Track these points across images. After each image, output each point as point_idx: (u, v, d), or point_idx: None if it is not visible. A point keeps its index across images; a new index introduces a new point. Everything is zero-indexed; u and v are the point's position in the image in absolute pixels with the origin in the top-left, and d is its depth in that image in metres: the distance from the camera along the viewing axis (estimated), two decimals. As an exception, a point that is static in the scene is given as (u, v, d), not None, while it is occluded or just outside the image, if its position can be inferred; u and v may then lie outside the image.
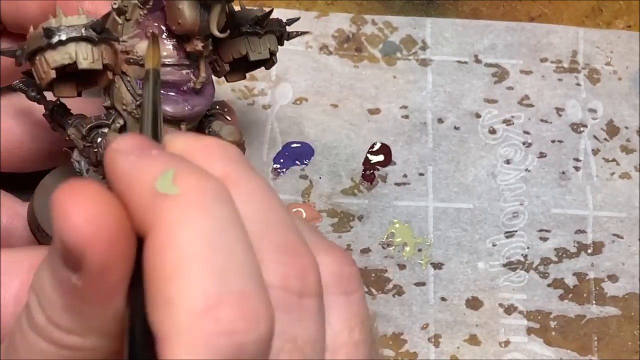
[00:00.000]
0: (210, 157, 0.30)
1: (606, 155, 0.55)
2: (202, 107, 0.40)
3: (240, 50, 0.42)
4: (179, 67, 0.39)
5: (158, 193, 0.28)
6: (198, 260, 0.27)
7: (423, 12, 0.57)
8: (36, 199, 0.43)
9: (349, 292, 0.32)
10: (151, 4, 0.39)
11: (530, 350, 0.51)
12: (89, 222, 0.27)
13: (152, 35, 0.37)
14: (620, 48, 0.57)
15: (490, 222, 0.53)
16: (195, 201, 0.28)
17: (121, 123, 0.40)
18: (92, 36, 0.37)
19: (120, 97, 0.39)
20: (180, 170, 0.28)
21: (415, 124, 0.55)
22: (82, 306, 0.29)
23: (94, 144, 0.40)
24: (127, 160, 0.29)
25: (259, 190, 0.31)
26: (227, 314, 0.27)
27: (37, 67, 0.38)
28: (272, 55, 0.43)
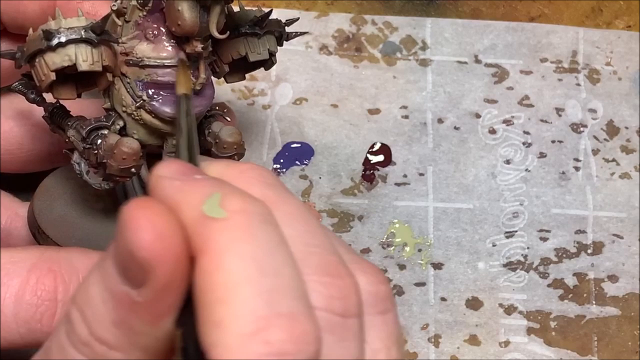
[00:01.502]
0: (248, 182, 0.31)
1: (606, 156, 0.55)
2: (201, 108, 0.40)
3: (240, 51, 0.42)
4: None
5: (206, 217, 0.28)
6: (247, 283, 0.28)
7: (423, 12, 0.57)
8: (37, 201, 0.43)
9: (384, 311, 0.32)
10: (150, 5, 0.39)
11: (530, 351, 0.51)
12: (160, 239, 0.28)
13: (181, 62, 0.37)
14: (620, 48, 0.57)
15: (490, 222, 0.53)
16: (242, 224, 0.28)
17: (121, 125, 0.40)
18: (91, 38, 0.37)
19: (120, 99, 0.39)
20: (226, 194, 0.29)
21: (415, 124, 0.55)
22: (134, 322, 0.29)
23: (94, 146, 0.40)
24: (173, 185, 0.30)
25: (297, 212, 0.31)
26: (277, 335, 0.27)
27: (37, 70, 0.38)
28: (271, 55, 0.43)
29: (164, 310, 0.29)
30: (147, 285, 0.28)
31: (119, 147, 0.38)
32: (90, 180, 0.41)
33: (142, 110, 0.39)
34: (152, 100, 0.39)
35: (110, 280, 0.29)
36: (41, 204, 0.43)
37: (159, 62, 0.39)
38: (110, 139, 0.39)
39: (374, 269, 0.33)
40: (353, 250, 0.34)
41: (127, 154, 0.39)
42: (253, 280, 0.28)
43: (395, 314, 0.33)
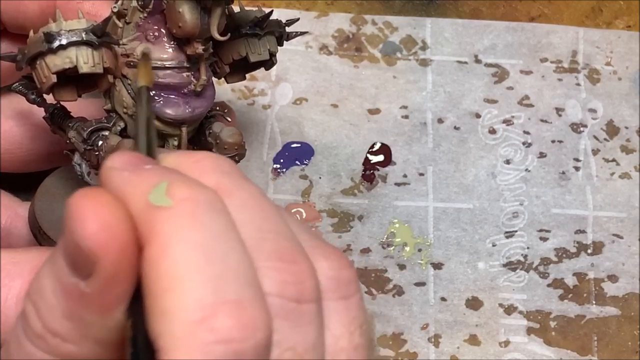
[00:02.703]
0: (202, 170, 0.31)
1: (606, 155, 0.55)
2: (203, 110, 0.40)
3: (240, 51, 0.42)
4: (179, 69, 0.39)
5: (152, 205, 0.28)
6: (192, 271, 0.28)
7: (423, 12, 0.57)
8: (37, 202, 0.43)
9: (347, 296, 0.32)
10: (151, 7, 0.39)
11: (530, 351, 0.51)
12: (105, 228, 0.28)
13: (143, 55, 0.37)
14: (620, 48, 0.57)
15: (490, 222, 0.53)
16: (188, 212, 0.28)
17: (122, 126, 0.40)
18: (92, 40, 0.37)
19: (121, 100, 0.39)
20: (173, 182, 0.29)
21: (415, 124, 0.55)
22: (85, 314, 0.29)
23: (95, 147, 0.40)
24: (121, 176, 0.29)
25: (252, 199, 0.31)
26: (223, 322, 0.27)
27: (38, 72, 0.38)
28: (272, 56, 0.43)
29: (112, 301, 0.29)
30: (94, 276, 0.28)
31: (121, 149, 0.38)
32: (91, 182, 0.41)
33: None
34: (152, 102, 0.39)
35: (60, 272, 0.29)
36: (42, 204, 0.43)
37: (160, 64, 0.39)
38: (112, 141, 0.39)
39: (337, 254, 0.32)
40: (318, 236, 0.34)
41: None
42: (199, 268, 0.28)
43: (359, 299, 0.32)
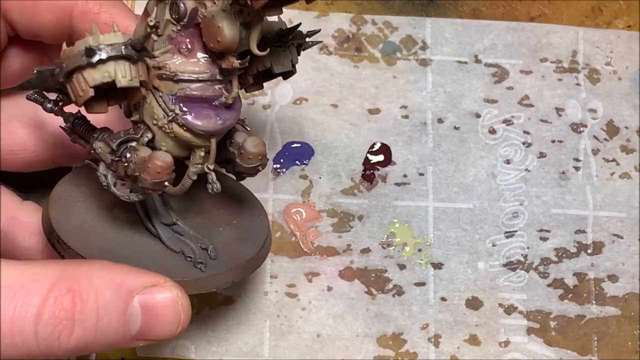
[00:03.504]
0: None
1: (606, 155, 0.55)
2: (232, 121, 0.40)
3: (265, 62, 0.42)
4: (211, 82, 0.39)
5: None
6: None
7: (423, 12, 0.57)
8: (52, 210, 0.43)
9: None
10: (186, 20, 0.38)
11: (530, 350, 0.51)
12: None
13: None
14: (620, 48, 0.57)
15: (490, 222, 0.53)
16: None
17: (149, 137, 0.40)
18: (131, 55, 0.37)
19: (151, 112, 0.39)
20: None
21: (415, 124, 0.55)
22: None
23: (123, 158, 0.39)
24: None
25: None
26: None
27: (74, 85, 0.37)
28: (293, 66, 0.43)
29: None
30: None
31: (153, 161, 0.38)
32: (117, 193, 0.41)
33: (174, 123, 0.39)
34: (184, 114, 0.39)
35: None
36: (57, 212, 0.43)
37: (193, 77, 0.39)
38: (142, 152, 0.39)
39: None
40: None
41: (161, 168, 0.38)
42: None
43: None
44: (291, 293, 0.51)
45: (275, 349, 0.50)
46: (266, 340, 0.50)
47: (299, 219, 0.52)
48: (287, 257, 0.52)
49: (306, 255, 0.52)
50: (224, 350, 0.50)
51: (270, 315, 0.50)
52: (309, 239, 0.52)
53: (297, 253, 0.52)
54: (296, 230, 0.52)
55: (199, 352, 0.49)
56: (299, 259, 0.52)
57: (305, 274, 0.51)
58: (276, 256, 0.51)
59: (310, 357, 0.50)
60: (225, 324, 0.50)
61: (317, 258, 0.52)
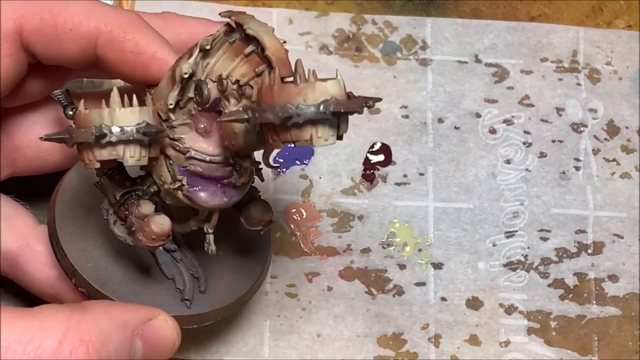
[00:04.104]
0: None
1: (606, 155, 0.55)
2: (237, 198, 0.40)
3: None
4: (223, 164, 0.39)
5: None
6: None
7: (423, 12, 0.57)
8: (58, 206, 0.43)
9: None
10: (208, 105, 0.38)
11: (530, 351, 0.51)
12: None
13: None
14: (620, 48, 0.57)
15: (491, 222, 0.53)
16: None
17: (155, 189, 0.40)
18: (142, 140, 0.37)
19: (160, 174, 0.39)
20: None
21: (415, 123, 0.55)
22: None
23: (125, 205, 0.40)
24: None
25: None
26: None
27: (83, 154, 0.37)
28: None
29: None
30: None
31: (150, 227, 0.39)
32: (116, 231, 0.41)
33: (179, 192, 0.39)
34: (190, 187, 0.39)
35: None
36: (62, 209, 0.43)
37: (205, 157, 0.39)
38: (143, 209, 0.39)
39: None
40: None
41: (157, 235, 0.39)
42: None
43: None
44: (291, 293, 0.51)
45: (275, 349, 0.50)
46: (266, 340, 0.50)
47: (299, 219, 0.52)
48: (287, 257, 0.52)
49: (306, 255, 0.52)
50: (224, 350, 0.50)
51: (271, 315, 0.50)
52: (309, 239, 0.52)
53: (297, 253, 0.52)
54: (296, 230, 0.52)
55: (199, 352, 0.49)
56: (299, 259, 0.52)
57: (306, 274, 0.51)
58: (276, 256, 0.51)
59: (310, 357, 0.50)
60: (226, 324, 0.50)
61: (317, 258, 0.52)
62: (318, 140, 0.34)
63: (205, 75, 0.38)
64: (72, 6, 0.41)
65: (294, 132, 0.34)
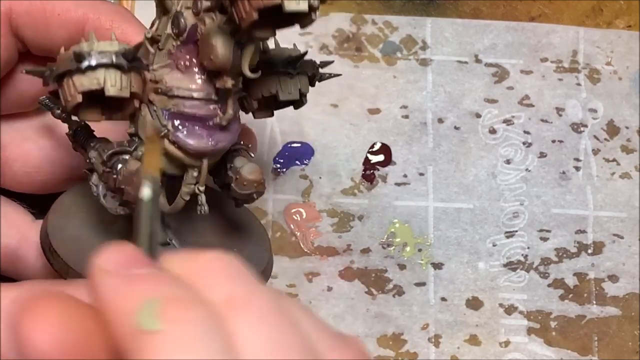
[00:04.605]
0: (211, 277, 0.29)
1: (606, 155, 0.55)
2: (226, 144, 0.39)
3: (271, 89, 0.41)
4: (206, 101, 0.38)
5: (141, 330, 0.27)
6: None
7: (423, 12, 0.57)
8: (51, 217, 0.42)
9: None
10: (185, 36, 0.38)
11: (530, 351, 0.51)
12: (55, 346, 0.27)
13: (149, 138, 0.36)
14: (620, 48, 0.57)
15: (491, 222, 0.53)
16: (180, 337, 0.26)
17: (143, 151, 0.40)
18: (122, 64, 0.37)
19: (145, 126, 0.39)
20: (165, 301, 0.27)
21: (415, 123, 0.55)
22: None
23: (114, 170, 0.39)
24: (111, 284, 0.28)
25: (268, 312, 0.29)
26: None
27: (64, 90, 0.37)
28: (302, 96, 0.42)
29: None
30: None
31: (138, 176, 0.38)
32: (106, 204, 0.40)
33: (166, 139, 0.39)
34: (176, 131, 0.38)
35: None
36: (55, 221, 0.42)
37: (188, 94, 0.38)
38: (131, 165, 0.39)
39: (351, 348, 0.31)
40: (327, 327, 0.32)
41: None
42: None
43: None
44: (291, 293, 0.51)
45: (275, 349, 0.50)
46: (266, 341, 0.50)
47: (299, 219, 0.52)
48: (287, 257, 0.52)
49: (306, 255, 0.52)
50: (224, 350, 0.50)
51: (270, 315, 0.50)
52: (309, 239, 0.52)
53: (297, 253, 0.52)
54: (296, 230, 0.52)
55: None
56: (299, 259, 0.52)
57: (306, 274, 0.51)
58: (276, 256, 0.51)
59: (310, 357, 0.50)
60: (225, 324, 0.50)
61: (317, 258, 0.52)
62: (289, 4, 0.34)
63: (180, 6, 0.38)
64: None
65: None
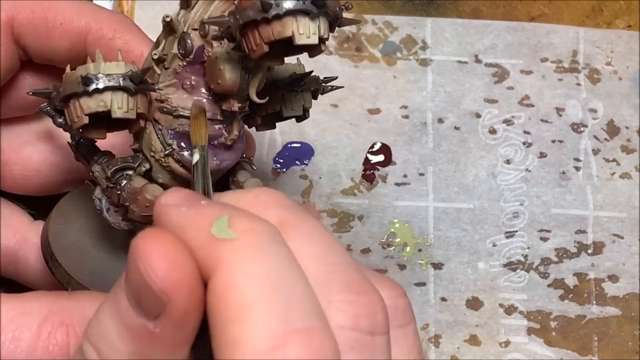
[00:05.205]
0: (264, 205, 0.31)
1: (606, 155, 0.55)
2: (230, 162, 0.39)
3: (275, 106, 0.41)
4: (212, 122, 0.38)
5: (215, 238, 0.29)
6: (261, 301, 0.28)
7: (423, 12, 0.57)
8: (52, 225, 0.43)
9: (404, 324, 0.32)
10: (192, 57, 0.38)
11: (530, 351, 0.51)
12: (175, 268, 0.28)
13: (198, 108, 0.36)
14: (620, 48, 0.57)
15: (491, 222, 0.53)
16: (252, 243, 0.29)
17: (147, 167, 0.40)
18: (129, 87, 0.37)
19: (150, 144, 0.39)
20: (234, 215, 0.29)
21: (415, 124, 0.55)
22: (155, 354, 0.29)
23: (118, 186, 0.39)
24: (179, 212, 0.30)
25: (317, 232, 0.31)
26: (294, 351, 0.27)
27: (71, 111, 0.37)
28: (305, 111, 0.42)
29: (183, 339, 0.29)
30: (164, 315, 0.28)
31: (143, 194, 0.38)
32: (109, 219, 0.40)
33: (170, 158, 0.39)
34: (181, 150, 0.39)
35: (125, 313, 0.29)
36: (56, 227, 0.42)
37: None
38: (135, 183, 0.39)
39: (392, 283, 0.33)
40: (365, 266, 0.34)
41: (150, 202, 0.38)
42: (266, 298, 0.28)
43: (414, 326, 0.32)
44: (291, 293, 0.51)
45: (275, 349, 0.50)
46: (266, 341, 0.50)
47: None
48: (287, 257, 0.52)
49: (306, 255, 0.52)
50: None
51: (270, 315, 0.50)
52: (309, 239, 0.52)
53: (297, 253, 0.52)
54: (296, 231, 0.52)
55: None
56: (299, 259, 0.52)
57: (305, 274, 0.51)
58: (276, 256, 0.51)
59: (311, 357, 0.50)
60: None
61: (317, 258, 0.52)
62: (300, 37, 0.34)
63: (187, 27, 0.38)
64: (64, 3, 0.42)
65: (276, 27, 0.34)
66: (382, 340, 0.30)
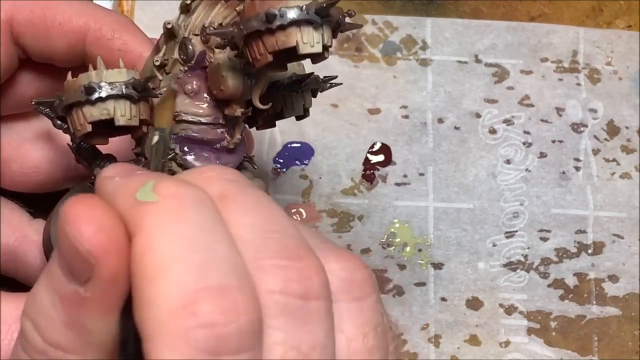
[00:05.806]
0: (206, 181, 0.32)
1: (606, 155, 0.55)
2: (233, 165, 0.39)
3: (276, 107, 0.41)
4: (214, 126, 0.39)
5: (138, 202, 0.29)
6: (176, 260, 0.28)
7: (423, 12, 0.57)
8: (53, 226, 0.42)
9: (360, 297, 0.32)
10: (193, 62, 0.38)
11: (530, 351, 0.51)
12: (102, 230, 0.28)
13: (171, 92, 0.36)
14: (620, 48, 0.57)
15: (491, 222, 0.53)
16: (174, 206, 0.29)
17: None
18: (132, 94, 0.37)
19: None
20: (160, 181, 0.30)
21: (415, 124, 0.55)
22: (87, 320, 0.29)
23: None
24: (113, 182, 0.31)
25: (256, 203, 0.32)
26: (205, 307, 0.28)
27: (74, 119, 0.37)
28: (305, 111, 0.42)
29: (113, 302, 0.29)
30: (93, 279, 0.28)
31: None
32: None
33: (173, 162, 0.39)
34: (184, 154, 0.39)
35: (57, 282, 0.29)
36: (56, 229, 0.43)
37: (196, 119, 0.38)
38: None
39: (350, 256, 0.32)
40: (329, 240, 0.34)
41: None
42: (183, 257, 0.28)
43: (374, 300, 0.32)
44: (291, 293, 0.51)
45: (275, 349, 0.50)
46: (266, 341, 0.50)
47: (299, 219, 0.52)
48: (287, 257, 0.52)
49: (306, 255, 0.52)
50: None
51: (270, 315, 0.50)
52: (309, 239, 0.52)
53: (297, 253, 0.52)
54: (296, 231, 0.52)
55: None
56: (299, 259, 0.52)
57: (305, 274, 0.51)
58: (276, 256, 0.51)
59: (310, 357, 0.50)
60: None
61: (317, 258, 0.52)
62: (304, 47, 0.34)
63: (188, 32, 0.38)
64: (63, 3, 0.42)
65: (280, 37, 0.34)
66: (317, 306, 0.30)
